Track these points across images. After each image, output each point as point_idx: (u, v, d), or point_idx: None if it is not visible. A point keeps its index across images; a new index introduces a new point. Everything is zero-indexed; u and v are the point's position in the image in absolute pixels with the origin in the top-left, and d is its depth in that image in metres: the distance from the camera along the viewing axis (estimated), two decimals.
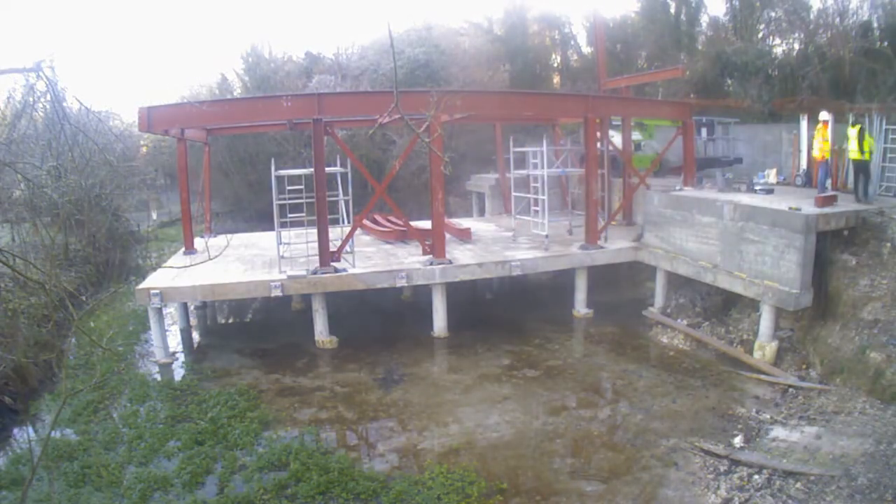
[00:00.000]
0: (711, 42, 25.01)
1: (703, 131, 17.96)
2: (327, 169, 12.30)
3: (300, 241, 12.70)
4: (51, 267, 5.08)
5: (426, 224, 14.29)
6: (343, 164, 12.82)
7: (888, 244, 10.18)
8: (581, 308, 13.83)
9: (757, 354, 10.66)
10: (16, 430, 9.40)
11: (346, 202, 12.81)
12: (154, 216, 27.96)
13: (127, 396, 10.06)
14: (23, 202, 16.45)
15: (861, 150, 11.56)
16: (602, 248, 13.73)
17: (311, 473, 7.57)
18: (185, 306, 14.10)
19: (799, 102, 16.66)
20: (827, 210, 10.57)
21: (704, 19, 26.19)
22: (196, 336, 13.97)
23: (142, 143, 28.07)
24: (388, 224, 16.64)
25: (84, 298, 14.51)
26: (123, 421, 9.13)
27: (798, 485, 6.88)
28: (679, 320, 12.71)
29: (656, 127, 19.51)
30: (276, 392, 10.41)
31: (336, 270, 12.20)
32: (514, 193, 16.49)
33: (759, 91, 19.69)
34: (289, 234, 12.97)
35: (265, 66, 26.48)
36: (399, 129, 21.10)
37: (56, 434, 8.59)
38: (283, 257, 12.49)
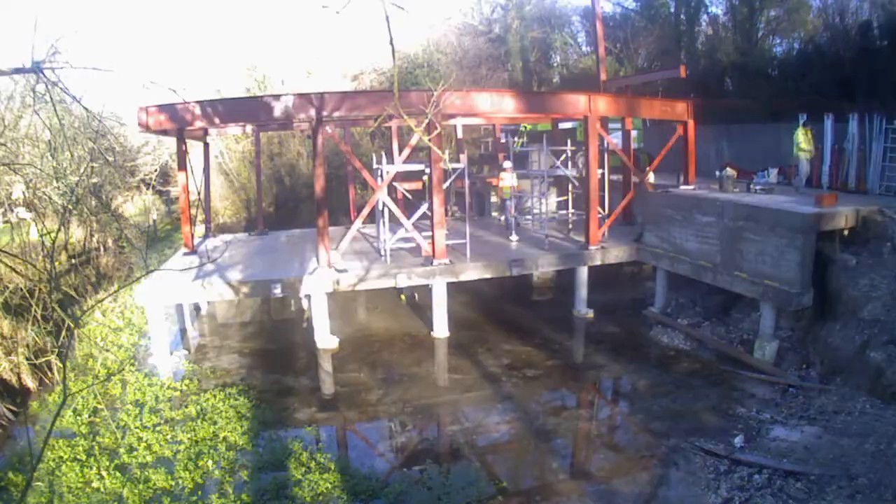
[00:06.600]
0: (711, 42, 25.02)
1: None
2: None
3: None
4: (51, 267, 5.08)
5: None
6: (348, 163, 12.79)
7: (888, 244, 10.17)
8: (581, 308, 13.82)
9: (757, 354, 10.65)
10: (16, 431, 9.39)
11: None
12: (153, 216, 27.96)
13: (127, 397, 10.05)
14: (23, 202, 16.45)
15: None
16: (602, 247, 13.71)
17: (310, 473, 7.57)
18: (184, 306, 14.10)
19: (799, 102, 16.62)
20: (827, 209, 10.55)
21: (704, 19, 26.20)
22: (196, 336, 13.96)
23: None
24: None
25: (84, 298, 14.50)
26: (123, 422, 9.12)
27: (798, 485, 6.88)
28: (679, 320, 12.70)
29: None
30: (277, 392, 10.41)
31: (337, 271, 12.19)
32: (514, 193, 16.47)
33: (759, 91, 19.66)
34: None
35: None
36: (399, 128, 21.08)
37: (56, 435, 8.60)
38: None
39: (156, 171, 29.28)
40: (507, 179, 15.42)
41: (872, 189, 13.05)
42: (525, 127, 21.05)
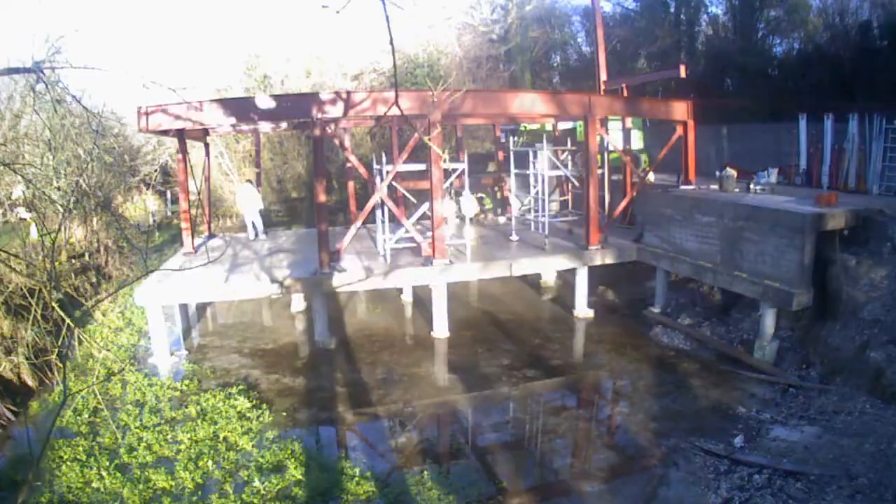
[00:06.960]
0: (711, 42, 25.05)
1: None
2: None
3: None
4: (51, 267, 5.06)
5: None
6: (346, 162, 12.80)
7: (888, 244, 10.17)
8: (581, 308, 13.82)
9: (757, 354, 10.65)
10: (16, 432, 9.39)
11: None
12: (152, 217, 27.97)
13: (127, 397, 10.05)
14: (23, 202, 16.47)
15: None
16: (602, 247, 13.72)
17: (310, 474, 7.57)
18: (185, 306, 14.10)
19: (799, 102, 16.63)
20: (827, 209, 10.55)
21: (704, 19, 26.23)
22: (196, 336, 13.97)
23: None
24: None
25: (84, 299, 14.50)
26: (123, 422, 9.13)
27: (798, 484, 6.88)
28: (679, 320, 12.70)
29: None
30: (276, 392, 10.41)
31: (337, 272, 12.20)
32: (514, 193, 16.50)
33: (759, 91, 19.69)
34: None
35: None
36: (400, 128, 21.10)
37: (56, 435, 8.59)
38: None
39: (156, 171, 29.29)
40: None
41: (872, 189, 13.04)
42: (525, 127, 21.06)
